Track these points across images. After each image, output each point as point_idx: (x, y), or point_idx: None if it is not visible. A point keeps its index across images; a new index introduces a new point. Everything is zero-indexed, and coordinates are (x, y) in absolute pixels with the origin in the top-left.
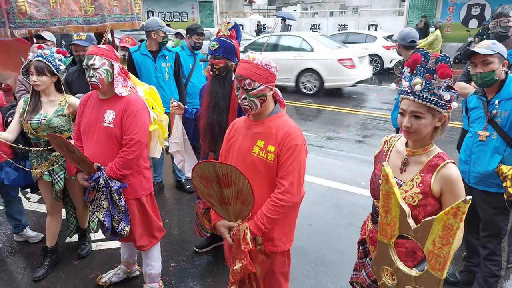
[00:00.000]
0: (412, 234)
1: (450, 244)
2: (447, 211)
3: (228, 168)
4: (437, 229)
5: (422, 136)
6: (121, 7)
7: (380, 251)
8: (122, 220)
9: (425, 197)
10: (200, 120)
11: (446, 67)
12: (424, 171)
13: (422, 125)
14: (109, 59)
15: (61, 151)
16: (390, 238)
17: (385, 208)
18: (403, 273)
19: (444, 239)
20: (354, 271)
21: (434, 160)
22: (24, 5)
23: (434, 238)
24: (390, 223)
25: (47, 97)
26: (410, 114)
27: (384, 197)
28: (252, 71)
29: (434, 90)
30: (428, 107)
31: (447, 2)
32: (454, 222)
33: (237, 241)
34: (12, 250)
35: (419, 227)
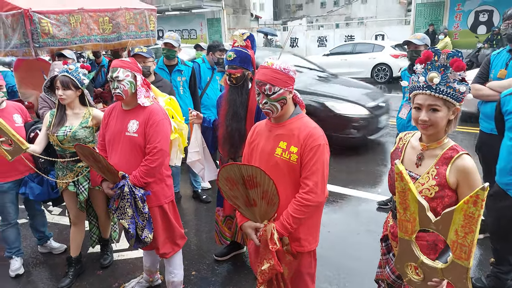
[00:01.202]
0: (434, 227)
1: (473, 232)
2: (467, 200)
3: (253, 169)
4: (459, 219)
5: (438, 130)
6: (137, 24)
7: (402, 248)
8: (146, 227)
9: (442, 188)
10: (219, 128)
11: (459, 60)
12: (439, 163)
13: (439, 118)
14: (132, 71)
15: (87, 161)
16: (411, 234)
17: (403, 205)
18: (429, 267)
19: (466, 228)
20: (378, 269)
21: (449, 153)
22: (48, 26)
23: (457, 228)
24: (409, 219)
25: (72, 110)
26: (427, 108)
27: (400, 195)
28: (272, 76)
29: (450, 83)
30: (444, 100)
31: (454, 9)
32: (475, 210)
33: (264, 242)
34: (37, 262)
35: (439, 219)
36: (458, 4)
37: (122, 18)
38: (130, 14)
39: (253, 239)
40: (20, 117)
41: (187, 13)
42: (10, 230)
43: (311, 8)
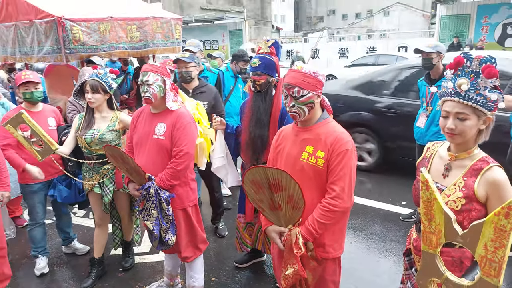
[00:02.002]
0: (461, 240)
1: (504, 246)
2: (498, 212)
3: (279, 173)
4: (488, 232)
5: (467, 139)
6: (163, 33)
7: (425, 263)
8: (169, 230)
9: (469, 201)
10: (242, 134)
11: (492, 67)
12: (467, 175)
13: (467, 127)
14: (162, 76)
15: (116, 162)
16: (436, 247)
17: (428, 216)
18: (454, 284)
19: (497, 242)
20: (401, 284)
21: (478, 164)
22: (79, 33)
23: (486, 242)
24: (434, 231)
25: (100, 114)
26: (454, 116)
27: (425, 205)
28: (301, 80)
29: (480, 91)
30: (473, 108)
31: (481, 22)
32: (507, 223)
33: (288, 246)
34: (61, 262)
35: (467, 232)
36: (484, 17)
37: (149, 27)
38: (157, 23)
39: (277, 243)
40: (54, 120)
41: (210, 24)
42: (37, 229)
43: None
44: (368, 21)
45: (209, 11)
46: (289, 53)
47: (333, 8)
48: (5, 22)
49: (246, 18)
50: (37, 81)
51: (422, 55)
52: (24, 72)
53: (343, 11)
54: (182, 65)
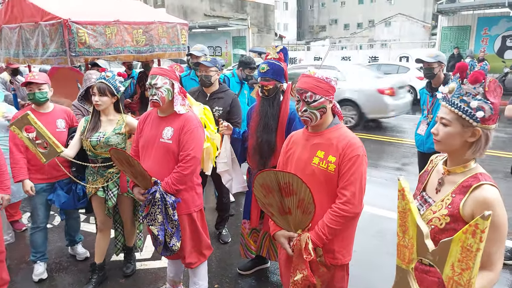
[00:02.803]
0: (431, 258)
1: (470, 269)
2: (465, 230)
3: (290, 177)
4: (456, 251)
5: (450, 148)
6: (169, 38)
7: (399, 278)
8: (174, 235)
9: (454, 220)
10: (249, 139)
11: (478, 73)
12: (456, 191)
13: (447, 134)
14: (170, 79)
15: (121, 165)
16: (409, 263)
17: (402, 228)
18: None
19: (463, 263)
20: None
21: (469, 181)
22: (85, 36)
23: (453, 262)
24: (407, 245)
25: (106, 117)
26: (440, 120)
27: (400, 215)
28: (314, 84)
29: (464, 97)
30: (457, 116)
31: (481, 34)
32: (473, 242)
33: (298, 251)
34: (60, 267)
35: (437, 250)
36: (484, 29)
37: (155, 31)
38: (163, 28)
39: (286, 249)
40: (64, 122)
41: (213, 31)
42: (38, 234)
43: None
44: (369, 31)
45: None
46: (292, 61)
47: (335, 18)
48: (10, 24)
49: (249, 26)
50: (41, 82)
51: (424, 65)
52: (31, 73)
53: (345, 21)
54: (202, 69)
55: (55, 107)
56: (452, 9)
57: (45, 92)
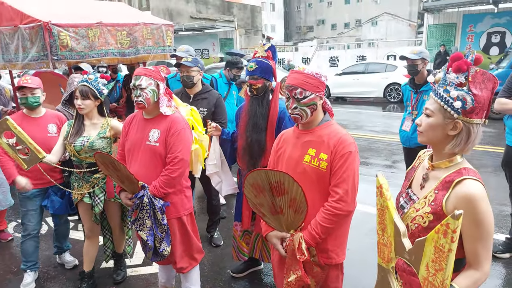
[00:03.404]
0: (407, 257)
1: (443, 270)
2: (437, 229)
3: (281, 175)
4: (429, 251)
5: (432, 140)
6: (154, 40)
7: (380, 277)
8: (164, 240)
9: (437, 218)
10: (239, 140)
11: (462, 62)
12: (439, 187)
13: (428, 125)
14: (155, 80)
15: (107, 169)
16: (388, 262)
17: (381, 226)
18: None
19: (437, 264)
20: None
21: (452, 176)
22: (66, 39)
23: (428, 262)
24: (386, 243)
25: (90, 120)
26: (424, 110)
27: (379, 213)
28: (303, 80)
29: (447, 87)
30: (440, 106)
31: (466, 31)
32: (445, 242)
33: (291, 252)
34: (48, 276)
35: (412, 249)
36: (470, 26)
37: (140, 33)
38: (147, 29)
39: (278, 250)
40: (56, 127)
41: (200, 33)
42: (29, 242)
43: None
44: (356, 30)
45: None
46: (280, 62)
47: (322, 18)
48: None
49: (236, 27)
50: (34, 87)
51: (407, 61)
52: (24, 77)
53: (332, 21)
54: (184, 69)
55: (46, 112)
56: (438, 7)
57: (37, 96)
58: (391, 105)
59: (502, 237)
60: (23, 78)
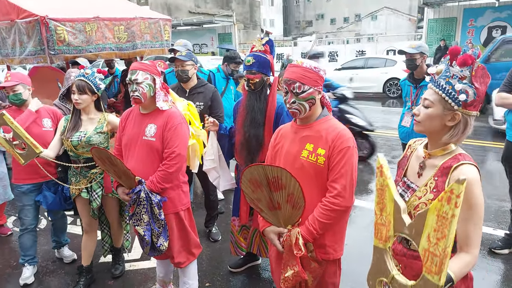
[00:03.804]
0: (407, 232)
1: (445, 237)
2: (441, 197)
3: (279, 170)
4: (432, 221)
5: (429, 130)
6: (152, 34)
7: (376, 259)
8: (161, 235)
9: None
10: (236, 135)
11: (468, 56)
12: (438, 174)
13: (427, 115)
14: (152, 74)
15: (103, 164)
16: (386, 241)
17: (380, 205)
18: (399, 284)
19: (439, 232)
20: None
21: (449, 162)
22: (63, 33)
23: (429, 233)
24: (385, 223)
25: (87, 115)
26: (423, 101)
27: (378, 193)
28: (302, 74)
29: (450, 79)
30: (440, 97)
31: (467, 25)
32: (449, 209)
33: (288, 247)
34: (47, 270)
35: (413, 223)
36: (470, 20)
37: (137, 28)
38: (145, 24)
39: (276, 245)
40: (51, 121)
41: (199, 28)
42: (26, 236)
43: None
44: (356, 25)
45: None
46: (279, 56)
47: (321, 13)
48: None
49: (235, 22)
50: (10, 85)
51: (406, 56)
52: (8, 73)
53: (331, 15)
54: (178, 63)
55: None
56: (438, 1)
57: (19, 93)
58: (391, 100)
59: (502, 233)
60: (5, 77)
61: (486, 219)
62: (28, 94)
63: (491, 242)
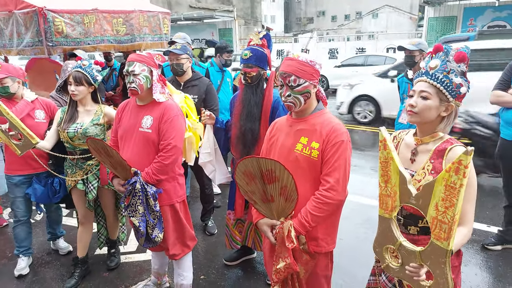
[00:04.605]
0: (414, 202)
1: (454, 205)
2: (449, 168)
3: (272, 163)
4: (439, 191)
5: (425, 121)
6: (150, 27)
7: (381, 228)
8: (156, 226)
9: None
10: (232, 128)
11: (463, 53)
12: (433, 157)
13: (426, 107)
14: (149, 66)
15: (99, 155)
16: (392, 211)
17: (384, 178)
18: (407, 250)
19: (447, 201)
20: (371, 276)
21: (442, 145)
22: (61, 25)
23: (437, 202)
24: (390, 194)
25: (83, 107)
26: (419, 93)
27: (382, 165)
28: (297, 68)
29: (447, 73)
30: (437, 90)
31: (467, 24)
32: (457, 179)
33: (280, 239)
34: (42, 261)
35: (420, 193)
36: (470, 19)
37: (136, 20)
38: (144, 17)
39: (268, 237)
40: (44, 113)
41: (199, 23)
42: (20, 227)
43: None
44: (357, 22)
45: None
46: (279, 53)
47: (322, 10)
48: None
49: (235, 17)
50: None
51: (405, 52)
52: None
53: (332, 12)
54: (173, 57)
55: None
56: (439, 0)
57: (6, 86)
58: None
59: (495, 229)
60: None
61: (480, 216)
62: (17, 87)
63: (484, 239)
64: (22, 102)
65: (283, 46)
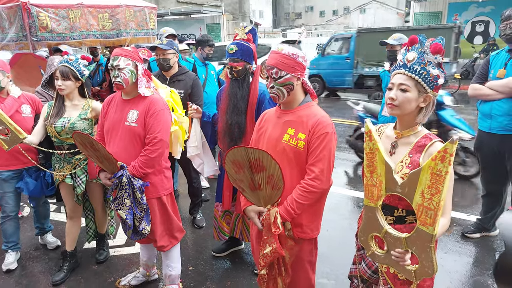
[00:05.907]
0: (400, 190)
1: (439, 192)
2: (435, 157)
3: (260, 153)
4: (425, 179)
5: (405, 113)
6: (137, 22)
7: (367, 217)
8: (144, 219)
9: None
10: (219, 122)
11: (439, 45)
12: (412, 152)
13: (406, 99)
14: (134, 60)
15: (85, 149)
16: (377, 200)
17: (370, 168)
18: (393, 237)
19: (433, 188)
20: (352, 265)
21: (422, 141)
22: (46, 20)
23: (423, 189)
24: (376, 183)
25: (70, 102)
26: (398, 86)
27: (368, 156)
28: (279, 61)
29: (424, 65)
30: (416, 82)
31: (451, 19)
32: (443, 167)
33: (267, 225)
34: (31, 256)
35: (406, 181)
36: (455, 14)
37: (122, 15)
38: (130, 12)
39: (256, 223)
40: (30, 107)
41: (186, 18)
42: (8, 223)
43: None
44: (345, 18)
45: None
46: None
47: (310, 5)
48: None
49: (223, 12)
50: None
51: (387, 47)
52: None
53: (321, 7)
54: (159, 52)
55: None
56: None
57: None
58: (377, 93)
59: (474, 218)
60: None
61: (461, 205)
62: (7, 82)
63: (463, 227)
64: (10, 99)
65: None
